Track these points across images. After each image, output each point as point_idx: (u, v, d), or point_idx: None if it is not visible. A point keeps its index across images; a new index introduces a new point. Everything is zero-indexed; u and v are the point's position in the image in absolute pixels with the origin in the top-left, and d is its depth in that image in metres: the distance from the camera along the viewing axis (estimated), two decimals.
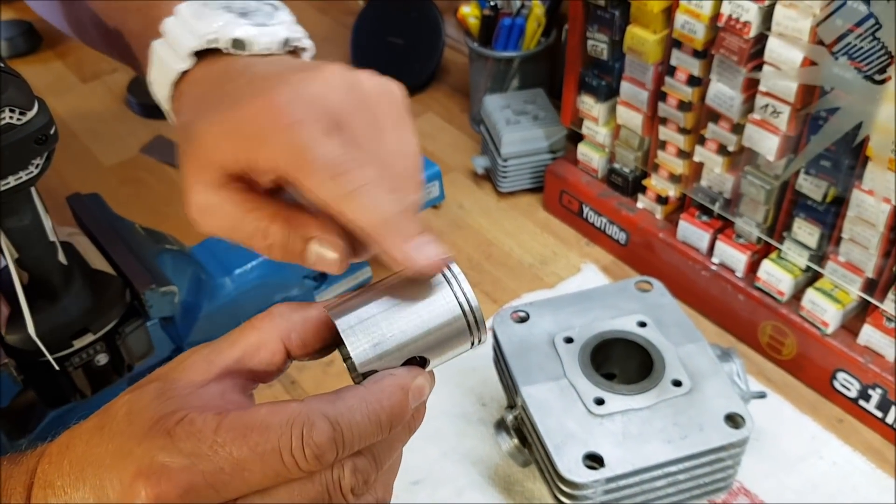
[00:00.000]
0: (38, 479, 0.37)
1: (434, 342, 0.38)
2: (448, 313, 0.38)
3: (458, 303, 0.38)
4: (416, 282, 0.38)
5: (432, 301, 0.38)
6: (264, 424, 0.34)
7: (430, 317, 0.38)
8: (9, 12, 1.39)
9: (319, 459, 0.34)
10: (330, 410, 0.34)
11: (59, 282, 0.62)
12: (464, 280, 0.38)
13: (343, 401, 0.35)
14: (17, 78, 0.48)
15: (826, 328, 0.75)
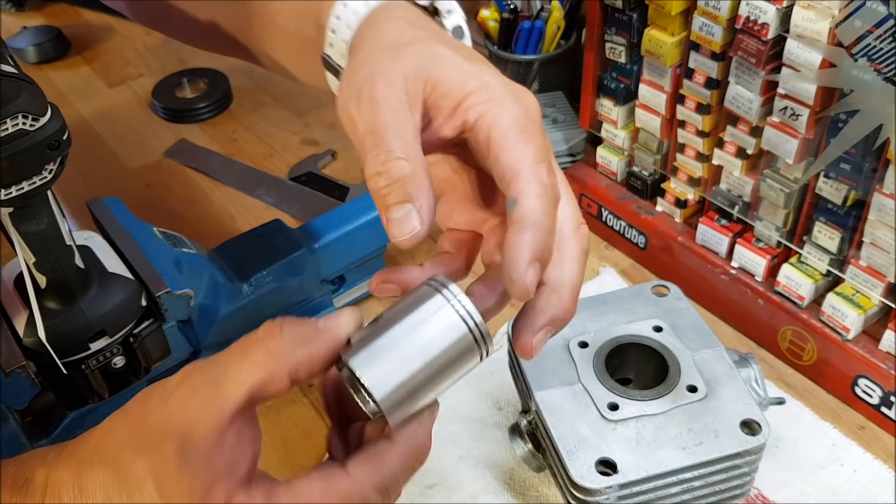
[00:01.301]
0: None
1: (448, 368, 0.39)
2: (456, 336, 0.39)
3: (465, 324, 0.39)
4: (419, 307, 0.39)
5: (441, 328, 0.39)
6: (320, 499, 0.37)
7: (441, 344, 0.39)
8: (38, 18, 1.42)
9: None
10: (378, 481, 0.38)
11: (76, 285, 0.63)
12: (466, 300, 0.39)
13: (387, 466, 0.38)
14: (31, 84, 0.49)
15: (847, 333, 0.74)
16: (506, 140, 0.39)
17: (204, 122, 1.18)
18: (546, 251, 0.39)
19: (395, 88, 0.40)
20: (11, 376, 0.62)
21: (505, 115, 0.40)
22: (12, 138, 0.49)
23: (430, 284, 0.40)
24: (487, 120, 0.40)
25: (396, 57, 0.41)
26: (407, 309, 0.39)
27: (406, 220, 0.38)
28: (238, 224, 1.01)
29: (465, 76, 0.41)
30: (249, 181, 1.07)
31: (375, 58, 0.41)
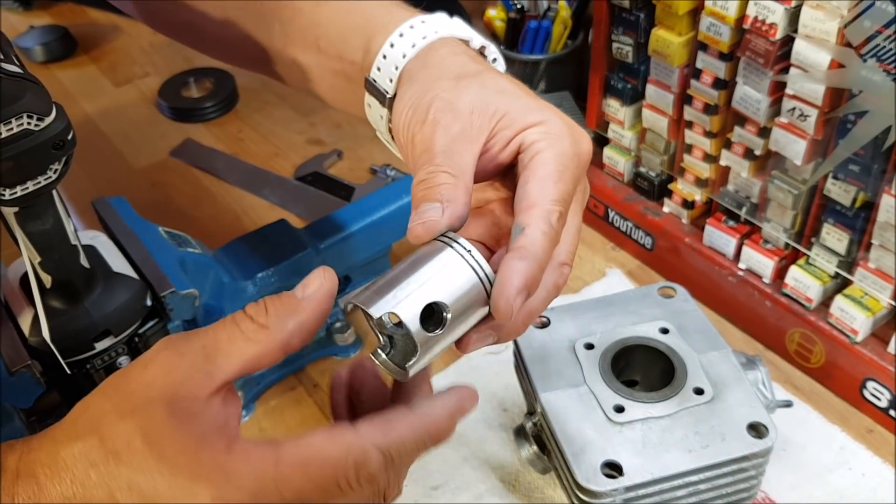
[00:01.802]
0: None
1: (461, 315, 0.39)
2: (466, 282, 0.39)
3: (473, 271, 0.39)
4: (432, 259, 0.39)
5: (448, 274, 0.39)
6: (322, 457, 0.36)
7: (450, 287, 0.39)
8: (45, 17, 1.42)
9: (371, 483, 0.37)
10: (383, 443, 0.37)
11: (81, 285, 0.63)
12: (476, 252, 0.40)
13: (395, 431, 0.37)
14: (36, 84, 0.49)
15: (855, 336, 0.73)
16: (541, 170, 0.41)
17: (210, 122, 1.17)
18: (535, 283, 0.40)
19: (459, 117, 0.42)
20: (16, 375, 0.62)
21: (554, 149, 0.42)
22: (17, 138, 0.49)
23: (440, 240, 0.40)
24: (538, 147, 0.42)
25: (464, 87, 0.43)
26: (417, 262, 0.39)
27: (426, 211, 0.40)
28: (243, 223, 1.01)
29: (528, 110, 0.43)
30: (255, 181, 1.07)
31: (442, 86, 0.44)
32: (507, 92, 0.44)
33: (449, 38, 0.48)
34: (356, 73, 0.51)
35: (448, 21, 0.49)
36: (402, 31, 0.48)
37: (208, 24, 0.60)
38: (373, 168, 1.06)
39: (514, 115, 0.43)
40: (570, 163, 0.42)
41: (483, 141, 0.42)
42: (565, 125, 0.43)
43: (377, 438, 0.37)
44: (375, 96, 0.49)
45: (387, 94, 0.48)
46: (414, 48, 0.47)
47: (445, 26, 0.48)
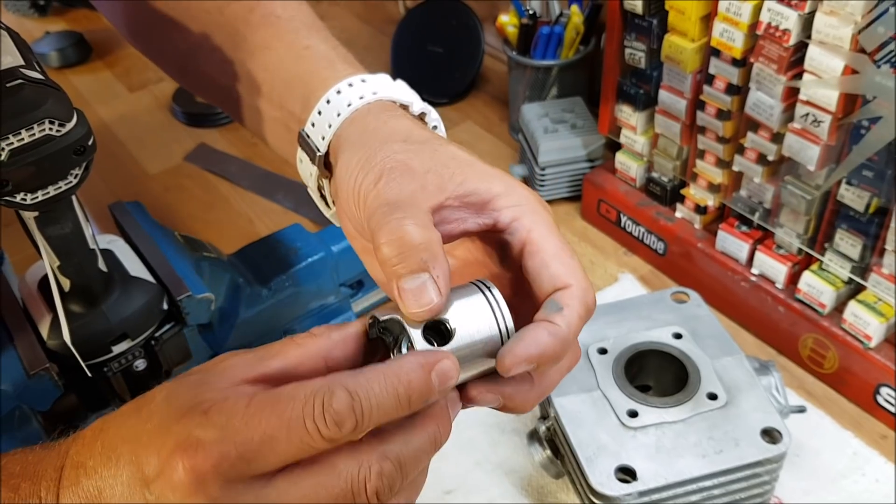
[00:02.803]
0: (70, 460, 0.38)
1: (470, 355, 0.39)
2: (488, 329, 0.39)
3: (496, 322, 0.40)
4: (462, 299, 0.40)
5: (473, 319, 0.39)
6: (290, 395, 0.35)
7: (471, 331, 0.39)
8: (60, 23, 1.44)
9: (339, 426, 0.35)
10: (350, 382, 0.36)
11: (99, 289, 0.64)
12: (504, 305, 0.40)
13: (363, 374, 0.36)
14: (57, 90, 0.50)
15: (869, 342, 0.73)
16: (550, 248, 0.42)
17: (223, 127, 1.18)
18: (552, 361, 0.40)
19: (416, 177, 0.42)
20: (35, 378, 0.63)
21: (540, 223, 0.42)
22: (39, 143, 0.50)
23: (476, 284, 0.41)
24: (525, 223, 0.42)
25: (416, 151, 0.43)
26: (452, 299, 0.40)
27: (422, 290, 0.38)
28: (257, 228, 1.01)
29: (489, 178, 0.43)
30: (268, 185, 1.07)
31: (393, 147, 0.43)
32: (460, 159, 0.44)
33: (387, 101, 0.48)
34: (294, 125, 0.51)
35: (389, 83, 0.49)
36: (340, 88, 0.48)
37: (176, 54, 0.61)
38: None
39: (475, 181, 0.43)
40: (559, 231, 0.43)
41: (441, 199, 0.42)
42: (529, 193, 0.44)
43: (345, 379, 0.36)
44: (307, 152, 0.49)
45: (317, 152, 0.48)
46: (349, 107, 0.47)
47: (385, 88, 0.48)
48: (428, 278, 0.38)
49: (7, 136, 0.48)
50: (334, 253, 0.81)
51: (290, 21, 0.55)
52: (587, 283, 0.42)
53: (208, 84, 0.60)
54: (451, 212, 0.43)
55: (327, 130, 0.47)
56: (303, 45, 0.53)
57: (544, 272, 0.41)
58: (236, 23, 0.56)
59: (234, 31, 0.56)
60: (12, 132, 0.48)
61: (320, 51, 0.53)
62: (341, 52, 0.53)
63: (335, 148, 0.47)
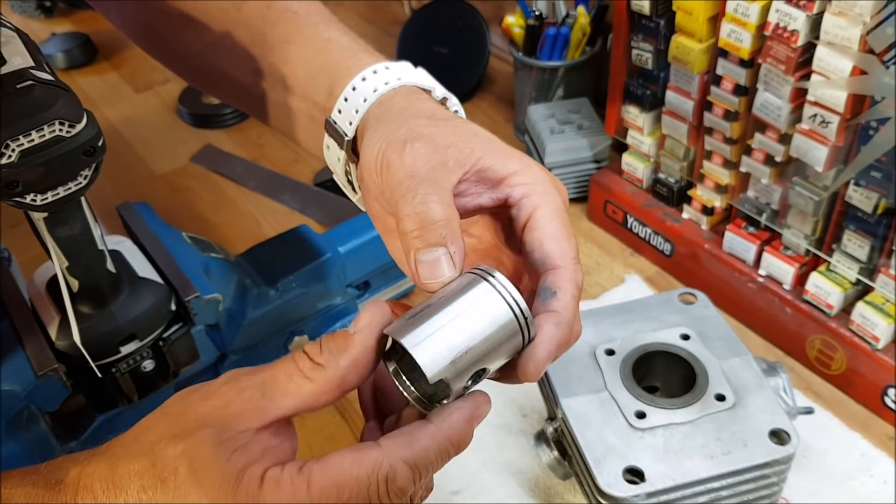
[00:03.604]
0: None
1: (492, 346, 0.39)
2: (502, 317, 0.39)
3: (509, 307, 0.39)
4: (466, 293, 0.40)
5: (485, 309, 0.39)
6: (352, 478, 0.36)
7: (486, 323, 0.39)
8: (66, 24, 1.44)
9: (400, 497, 0.37)
10: (408, 456, 0.37)
11: (107, 289, 0.64)
12: (512, 287, 0.40)
13: (418, 443, 0.38)
14: (67, 91, 0.50)
15: (877, 343, 0.73)
16: (550, 227, 0.43)
17: (230, 128, 1.18)
18: (566, 346, 0.42)
19: (437, 151, 0.43)
20: (43, 379, 0.63)
21: (548, 202, 0.43)
22: (49, 144, 0.50)
23: (476, 273, 0.40)
24: (533, 201, 0.43)
25: (440, 126, 0.44)
26: (454, 295, 0.39)
27: (436, 263, 0.40)
28: (263, 229, 1.02)
29: (507, 156, 0.44)
30: (274, 186, 1.08)
31: (418, 122, 0.44)
32: (480, 135, 0.45)
33: (412, 86, 0.49)
34: (319, 114, 0.53)
35: (412, 70, 0.50)
36: (365, 76, 0.49)
37: (189, 55, 0.61)
38: None
39: (493, 158, 0.44)
40: (565, 213, 0.44)
41: (460, 175, 0.43)
42: (545, 174, 0.45)
43: (402, 453, 0.37)
44: (334, 138, 0.50)
45: (346, 136, 0.49)
46: (375, 93, 0.48)
47: (408, 74, 0.49)
48: (444, 252, 0.40)
49: (17, 137, 0.48)
50: (341, 254, 0.81)
51: (307, 16, 0.56)
52: (577, 263, 0.43)
53: (227, 82, 0.59)
54: (469, 186, 0.44)
55: (354, 116, 0.48)
56: (323, 38, 0.54)
57: (538, 251, 0.43)
58: (254, 20, 0.56)
59: (252, 28, 0.56)
60: (22, 133, 0.49)
61: (341, 42, 0.54)
62: (361, 44, 0.54)
63: (361, 130, 0.48)
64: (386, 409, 0.44)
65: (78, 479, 0.38)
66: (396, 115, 0.46)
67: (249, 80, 0.57)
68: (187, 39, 0.59)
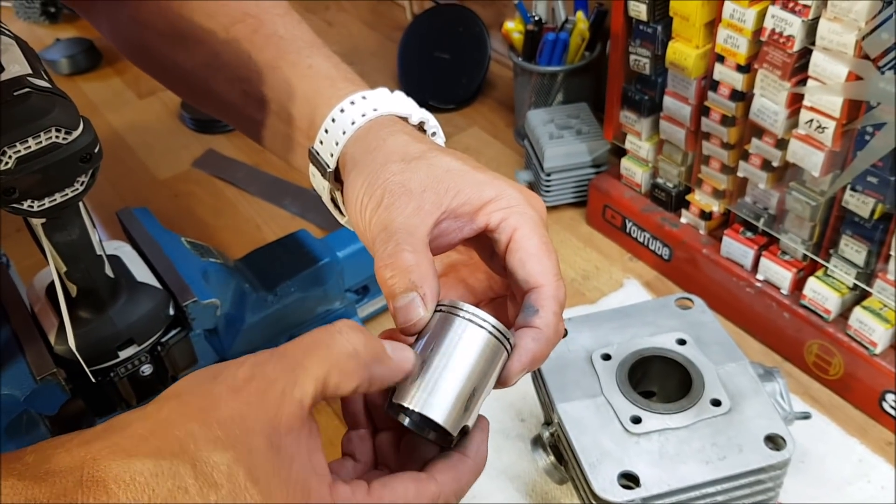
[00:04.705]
0: None
1: (487, 374, 0.43)
2: (484, 342, 0.42)
3: (486, 332, 0.42)
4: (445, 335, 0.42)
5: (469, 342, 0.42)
6: None
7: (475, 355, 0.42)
8: (71, 30, 1.45)
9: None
10: (457, 489, 0.42)
11: (105, 294, 0.64)
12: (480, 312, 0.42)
13: (464, 478, 0.43)
14: (64, 98, 0.50)
15: (874, 348, 0.73)
16: (530, 247, 0.45)
17: (231, 133, 1.19)
18: (542, 360, 0.45)
19: (413, 197, 0.45)
20: (42, 383, 0.63)
21: (526, 222, 0.45)
22: (45, 151, 0.50)
23: (444, 310, 0.43)
24: (511, 223, 0.45)
25: (413, 169, 0.46)
26: (436, 343, 0.42)
27: (411, 307, 0.42)
28: (264, 234, 1.02)
29: (481, 186, 0.46)
30: (275, 191, 1.08)
31: (392, 169, 0.46)
32: (454, 171, 0.46)
33: (388, 116, 0.51)
34: (304, 140, 0.55)
35: (388, 97, 0.52)
36: (343, 107, 0.51)
37: (180, 72, 0.62)
38: None
39: (469, 192, 0.46)
40: (544, 229, 0.46)
41: (437, 217, 0.45)
42: (520, 193, 0.47)
43: (453, 487, 0.42)
44: (318, 168, 0.52)
45: (328, 168, 0.51)
46: (353, 125, 0.50)
47: (385, 103, 0.51)
48: (416, 297, 0.42)
49: (14, 144, 0.49)
50: (340, 258, 0.81)
51: (292, 41, 0.57)
52: (559, 280, 0.45)
53: (218, 101, 0.61)
54: (449, 223, 0.46)
55: (335, 148, 0.50)
56: (306, 65, 0.56)
57: (521, 271, 0.45)
58: (242, 42, 0.58)
59: (240, 51, 0.58)
60: (19, 140, 0.49)
61: (322, 69, 0.55)
62: (342, 70, 0.56)
63: (343, 164, 0.50)
64: (378, 422, 0.46)
65: (80, 470, 0.34)
66: (372, 160, 0.48)
67: (239, 101, 0.59)
68: (178, 58, 0.60)
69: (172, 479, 0.34)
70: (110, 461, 0.35)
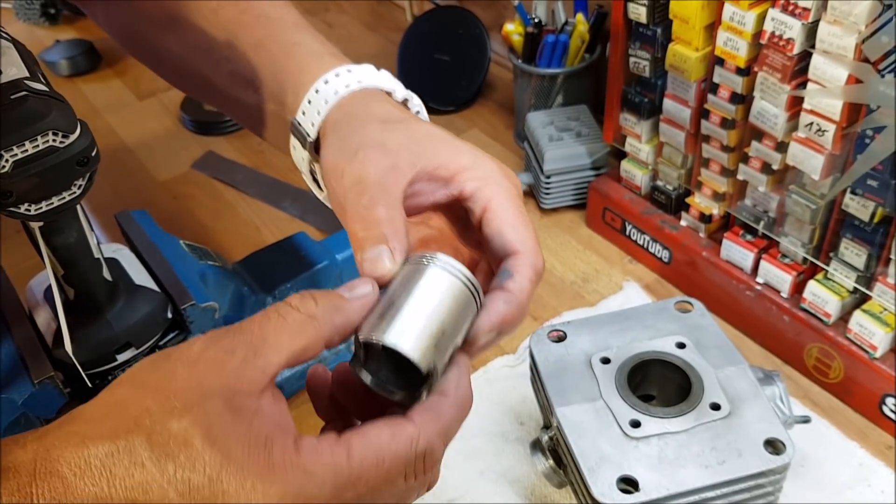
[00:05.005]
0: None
1: (457, 319, 0.41)
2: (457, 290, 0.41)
3: (459, 280, 0.41)
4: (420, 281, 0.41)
5: (441, 287, 0.41)
6: (391, 452, 0.38)
7: (447, 300, 0.41)
8: (70, 32, 1.45)
9: (434, 466, 0.40)
10: (440, 429, 0.40)
11: (103, 297, 0.64)
12: (454, 261, 0.42)
13: (445, 416, 0.40)
14: (61, 102, 0.50)
15: (874, 352, 0.73)
16: (507, 216, 0.45)
17: (231, 135, 1.19)
18: (513, 326, 0.44)
19: (388, 155, 0.45)
20: (40, 386, 0.63)
21: (502, 192, 0.45)
22: (42, 155, 0.50)
23: (417, 260, 0.42)
24: (487, 192, 0.45)
25: (391, 130, 0.46)
26: (407, 285, 0.40)
27: (378, 259, 0.42)
28: (263, 236, 1.02)
29: (458, 152, 0.46)
30: (275, 193, 1.08)
31: (370, 128, 0.46)
32: (434, 136, 0.47)
33: (372, 89, 0.51)
34: (287, 115, 0.54)
35: (374, 72, 0.52)
36: (328, 79, 0.51)
37: (171, 57, 0.62)
38: None
39: (444, 157, 0.46)
40: (518, 200, 0.46)
41: (411, 177, 0.45)
42: (496, 165, 0.47)
43: (434, 427, 0.39)
44: (298, 139, 0.52)
45: (308, 138, 0.51)
46: (336, 95, 0.50)
47: (370, 77, 0.51)
48: (385, 249, 0.41)
49: (11, 148, 0.49)
50: (339, 261, 0.81)
51: (280, 21, 0.58)
52: (537, 248, 0.45)
53: (206, 85, 0.61)
54: (423, 185, 0.46)
55: (316, 117, 0.50)
56: (292, 42, 0.56)
57: (498, 239, 0.45)
58: (230, 23, 0.58)
59: (228, 31, 0.58)
60: (16, 143, 0.49)
61: (309, 46, 0.55)
62: (329, 47, 0.56)
63: (323, 133, 0.50)
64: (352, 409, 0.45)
65: (33, 463, 0.34)
66: (352, 121, 0.48)
67: (225, 83, 0.59)
68: (168, 42, 0.61)
69: (129, 456, 0.34)
70: (63, 450, 0.34)
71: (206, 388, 0.35)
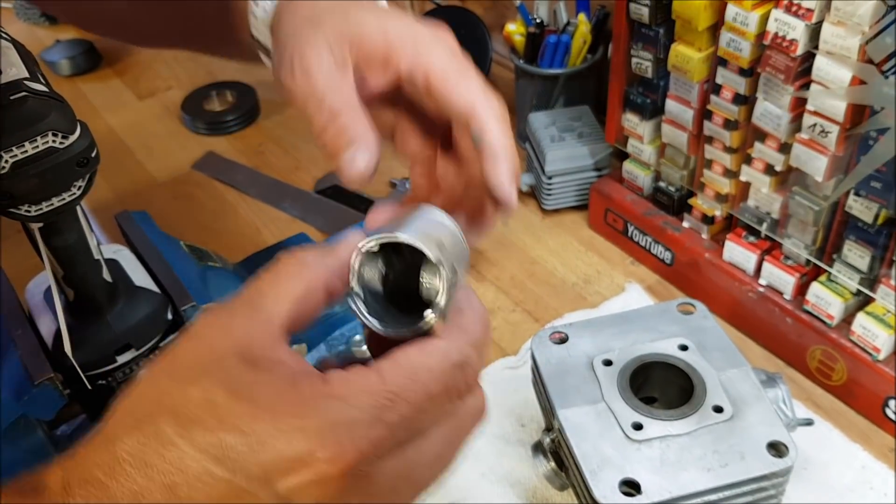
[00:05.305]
0: None
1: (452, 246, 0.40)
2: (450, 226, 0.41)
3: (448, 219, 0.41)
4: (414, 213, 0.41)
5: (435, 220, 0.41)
6: (425, 367, 0.35)
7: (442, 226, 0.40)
8: (71, 31, 1.44)
9: (475, 377, 0.37)
10: (470, 339, 0.37)
11: (103, 299, 0.64)
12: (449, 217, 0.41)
13: (469, 325, 0.38)
14: (61, 103, 0.50)
15: (878, 354, 0.73)
16: (448, 80, 0.43)
17: (231, 135, 1.19)
18: (516, 168, 0.44)
19: (322, 55, 0.44)
20: (40, 388, 0.63)
21: (436, 59, 0.44)
22: (42, 156, 0.50)
23: None
24: (421, 68, 0.44)
25: (317, 26, 0.45)
26: (405, 216, 0.40)
27: (354, 160, 0.43)
28: (263, 236, 1.02)
29: (385, 30, 0.45)
30: (275, 194, 1.08)
31: (298, 31, 0.46)
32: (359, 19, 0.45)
33: None
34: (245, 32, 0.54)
35: None
36: None
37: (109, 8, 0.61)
38: (392, 182, 1.06)
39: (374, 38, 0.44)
40: (454, 57, 0.44)
41: (350, 69, 0.44)
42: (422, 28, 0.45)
43: (464, 338, 0.37)
44: (264, 53, 0.53)
45: (269, 49, 0.51)
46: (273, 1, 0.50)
47: None
48: (357, 149, 0.43)
49: (10, 149, 0.49)
50: None
51: None
52: (488, 95, 0.44)
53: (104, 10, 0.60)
54: (365, 74, 0.45)
55: (265, 30, 0.51)
56: None
57: (448, 108, 0.44)
58: None
59: None
60: (16, 144, 0.49)
61: None
62: None
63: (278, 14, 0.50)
64: None
65: (62, 480, 0.33)
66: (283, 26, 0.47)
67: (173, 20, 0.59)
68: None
69: (156, 440, 0.32)
70: (91, 455, 0.33)
71: (219, 351, 0.34)
